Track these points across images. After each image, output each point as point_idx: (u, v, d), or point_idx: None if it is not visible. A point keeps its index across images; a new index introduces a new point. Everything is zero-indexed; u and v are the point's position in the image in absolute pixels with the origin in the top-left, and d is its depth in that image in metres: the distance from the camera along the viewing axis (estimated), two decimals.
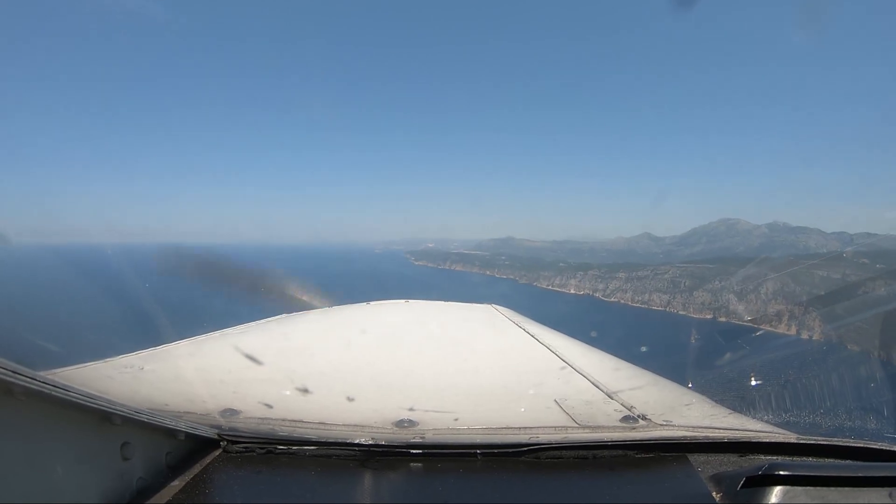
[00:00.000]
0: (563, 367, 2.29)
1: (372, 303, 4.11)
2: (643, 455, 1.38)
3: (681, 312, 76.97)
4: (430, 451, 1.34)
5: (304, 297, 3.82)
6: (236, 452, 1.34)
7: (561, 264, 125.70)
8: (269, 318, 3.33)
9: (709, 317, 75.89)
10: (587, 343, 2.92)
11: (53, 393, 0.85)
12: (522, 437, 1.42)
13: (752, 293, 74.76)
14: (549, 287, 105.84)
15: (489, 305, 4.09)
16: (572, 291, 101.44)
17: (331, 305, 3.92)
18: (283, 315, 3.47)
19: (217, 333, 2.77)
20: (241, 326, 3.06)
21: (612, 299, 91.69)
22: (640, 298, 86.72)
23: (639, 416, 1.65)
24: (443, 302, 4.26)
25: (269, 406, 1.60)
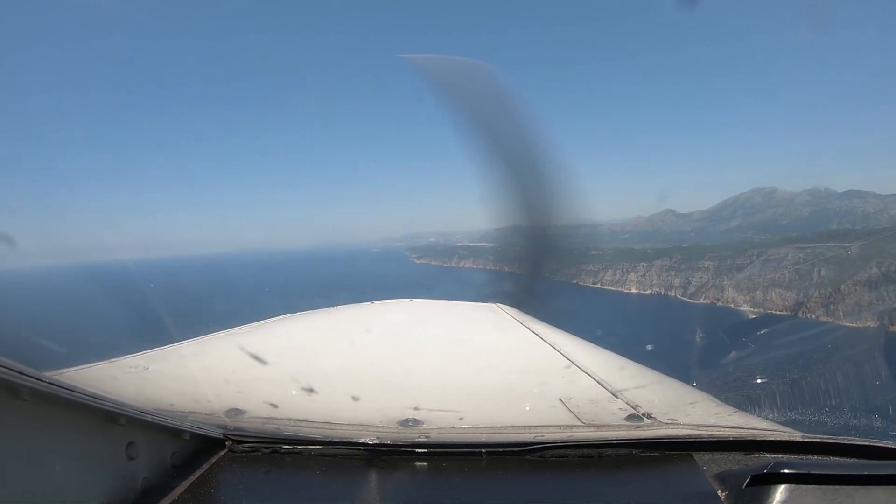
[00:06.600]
0: (567, 366, 2.25)
1: (376, 302, 4.04)
2: (648, 454, 1.37)
3: (823, 319, 53.90)
4: (435, 450, 1.34)
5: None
6: (242, 452, 1.35)
7: (593, 252, 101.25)
8: (274, 318, 3.34)
9: (873, 326, 51.87)
10: (592, 342, 2.86)
11: (59, 393, 0.86)
12: (527, 436, 1.40)
13: None
14: (599, 285, 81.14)
15: (493, 304, 4.00)
16: (634, 290, 77.37)
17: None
18: (288, 315, 3.47)
19: (222, 333, 2.77)
20: (246, 326, 3.06)
21: (700, 300, 68.18)
22: (749, 297, 63.42)
23: (644, 415, 1.60)
24: (447, 301, 4.17)
25: (275, 406, 1.60)
